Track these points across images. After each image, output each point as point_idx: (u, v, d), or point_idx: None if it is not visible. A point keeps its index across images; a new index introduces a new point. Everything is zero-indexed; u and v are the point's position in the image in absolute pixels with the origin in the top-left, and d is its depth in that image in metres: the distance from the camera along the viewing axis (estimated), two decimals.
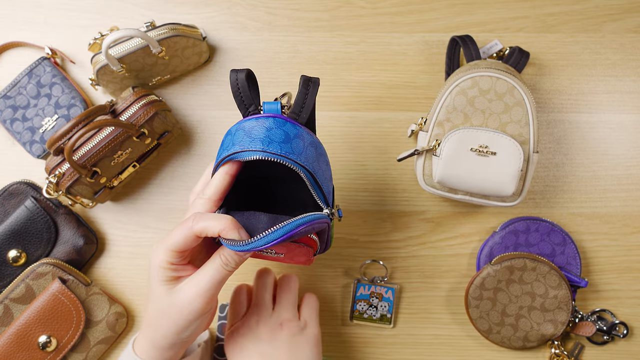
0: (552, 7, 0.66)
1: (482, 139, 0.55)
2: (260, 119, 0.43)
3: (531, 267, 0.58)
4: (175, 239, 0.42)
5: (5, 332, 0.56)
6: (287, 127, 0.43)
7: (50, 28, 0.67)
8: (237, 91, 0.44)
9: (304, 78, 0.45)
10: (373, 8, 0.67)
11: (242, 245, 0.39)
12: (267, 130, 0.42)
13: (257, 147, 0.41)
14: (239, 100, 0.45)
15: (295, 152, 0.42)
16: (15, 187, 0.60)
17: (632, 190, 0.63)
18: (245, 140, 0.42)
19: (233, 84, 0.44)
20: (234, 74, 0.44)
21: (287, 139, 0.42)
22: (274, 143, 0.41)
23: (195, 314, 0.43)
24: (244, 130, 0.43)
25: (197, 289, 0.42)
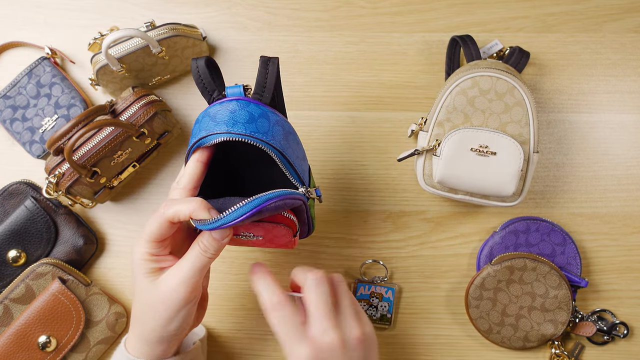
0: (552, 7, 0.66)
1: (482, 139, 0.55)
2: (224, 103, 0.43)
3: (531, 267, 0.58)
4: (151, 228, 0.43)
5: (5, 332, 0.56)
6: (250, 108, 0.43)
7: (50, 28, 0.67)
8: (198, 78, 0.45)
9: (263, 58, 0.45)
10: (373, 8, 0.67)
11: (211, 223, 0.39)
12: (231, 112, 0.42)
13: (222, 130, 0.41)
14: (202, 87, 0.46)
15: (260, 131, 0.42)
16: (15, 187, 0.60)
17: (633, 190, 0.63)
18: (210, 124, 0.42)
19: (194, 72, 0.45)
20: (194, 62, 0.45)
21: (252, 119, 0.42)
22: (238, 124, 0.42)
23: (178, 303, 0.43)
24: (209, 116, 0.43)
25: (178, 278, 0.43)
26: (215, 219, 0.39)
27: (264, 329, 0.62)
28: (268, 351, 0.62)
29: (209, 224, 0.39)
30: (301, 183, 0.45)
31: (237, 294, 0.62)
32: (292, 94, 0.66)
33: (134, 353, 0.46)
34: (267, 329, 0.62)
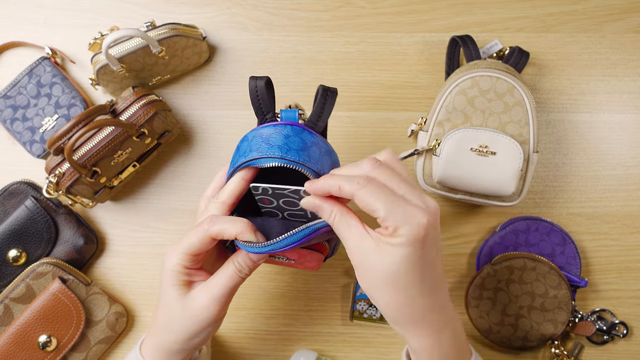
0: (552, 7, 0.66)
1: (482, 139, 0.55)
2: (278, 127, 0.43)
3: (531, 267, 0.58)
4: (191, 241, 0.42)
5: (6, 332, 0.56)
6: (304, 135, 0.43)
7: (51, 28, 0.67)
8: (255, 98, 0.45)
9: (323, 87, 0.45)
10: (373, 8, 0.67)
11: (260, 247, 0.40)
12: (285, 137, 0.42)
13: (276, 154, 0.41)
14: (257, 107, 0.45)
15: (312, 160, 0.42)
16: (16, 186, 0.60)
17: (632, 190, 0.63)
18: (264, 147, 0.42)
19: (252, 91, 0.45)
20: (253, 81, 0.44)
21: (305, 147, 0.42)
22: (292, 150, 0.41)
23: (208, 321, 0.43)
24: (262, 137, 0.43)
25: (211, 296, 0.42)
26: (265, 244, 0.40)
27: (264, 329, 0.62)
28: (268, 351, 0.62)
29: (257, 247, 0.40)
30: None
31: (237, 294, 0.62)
32: (292, 94, 0.66)
33: (149, 359, 0.46)
34: (267, 329, 0.62)
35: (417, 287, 0.40)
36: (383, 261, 0.38)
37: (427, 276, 0.40)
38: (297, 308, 0.62)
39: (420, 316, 0.41)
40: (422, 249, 0.39)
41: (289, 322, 0.62)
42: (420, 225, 0.38)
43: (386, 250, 0.38)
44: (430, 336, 0.41)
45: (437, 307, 0.41)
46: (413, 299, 0.40)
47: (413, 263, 0.38)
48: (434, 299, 0.41)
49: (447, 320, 0.42)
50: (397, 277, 0.39)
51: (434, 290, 0.41)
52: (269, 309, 0.62)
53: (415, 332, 0.41)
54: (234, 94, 0.66)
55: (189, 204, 0.64)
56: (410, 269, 0.38)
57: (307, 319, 0.62)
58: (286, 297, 0.63)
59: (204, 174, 0.65)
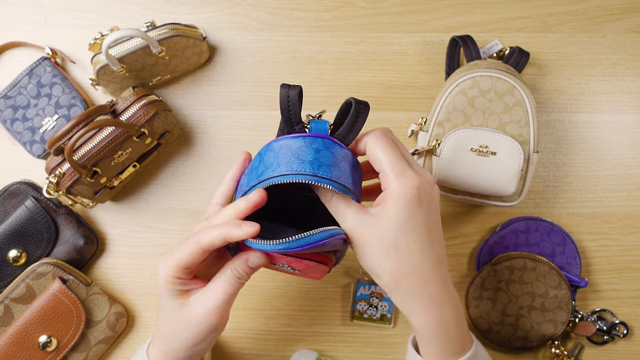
0: (552, 7, 0.66)
1: (482, 139, 0.55)
2: (307, 139, 0.41)
3: (531, 267, 0.58)
4: (182, 255, 0.42)
5: (6, 332, 0.56)
6: (334, 150, 0.41)
7: (51, 28, 0.67)
8: (286, 107, 0.43)
9: (356, 101, 0.43)
10: (373, 8, 0.67)
11: (273, 244, 0.39)
12: (316, 152, 0.40)
13: (307, 171, 0.39)
14: (287, 117, 0.43)
15: (343, 176, 0.41)
16: (16, 187, 0.60)
17: (632, 190, 0.63)
18: (294, 162, 0.40)
19: (283, 100, 0.42)
20: (285, 90, 0.42)
21: (336, 162, 0.41)
22: (323, 167, 0.40)
23: (210, 328, 0.43)
24: (291, 150, 0.41)
25: (210, 305, 0.42)
26: (278, 242, 0.38)
27: (264, 329, 0.62)
28: (268, 351, 0.62)
29: (269, 245, 0.39)
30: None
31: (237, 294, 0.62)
32: None
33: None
34: (267, 329, 0.62)
35: (418, 255, 0.39)
36: (382, 228, 0.39)
37: (426, 244, 0.40)
38: (297, 308, 0.62)
39: (421, 286, 0.40)
40: (418, 211, 0.39)
41: (289, 322, 0.62)
42: (413, 187, 0.39)
43: (384, 216, 0.39)
44: (432, 310, 0.41)
45: (439, 278, 0.41)
46: (414, 267, 0.40)
47: (410, 225, 0.39)
48: (435, 269, 0.40)
49: (449, 295, 0.42)
50: (396, 242, 0.39)
51: (435, 260, 0.40)
52: (269, 309, 0.62)
53: (417, 305, 0.41)
54: (234, 94, 0.66)
55: (189, 204, 0.64)
56: (407, 231, 0.39)
57: (307, 319, 0.62)
58: (286, 297, 0.63)
59: (204, 174, 0.65)
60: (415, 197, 0.39)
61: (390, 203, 0.39)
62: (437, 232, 0.42)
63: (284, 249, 0.39)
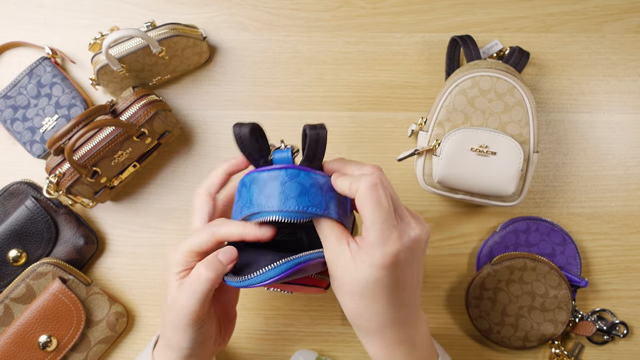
0: (552, 7, 0.66)
1: (482, 139, 0.55)
2: (272, 172, 0.41)
3: (531, 267, 0.58)
4: (195, 240, 0.43)
5: (6, 332, 0.56)
6: (300, 178, 0.41)
7: (51, 28, 0.67)
8: (242, 147, 0.43)
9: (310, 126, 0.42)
10: (373, 8, 0.67)
11: (238, 281, 0.40)
12: (281, 185, 0.40)
13: (274, 208, 0.40)
14: (247, 155, 0.43)
15: (314, 204, 0.40)
16: (16, 187, 0.60)
17: (633, 190, 0.63)
18: (261, 198, 0.40)
19: (237, 139, 0.42)
20: (236, 129, 0.42)
21: (304, 191, 0.40)
22: (289, 199, 0.40)
23: (190, 315, 0.42)
24: (258, 185, 0.41)
25: (189, 291, 0.42)
26: (244, 279, 0.40)
27: (264, 329, 0.62)
28: (268, 351, 0.62)
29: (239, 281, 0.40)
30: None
31: None
32: (292, 94, 0.66)
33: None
34: (267, 329, 0.62)
35: (380, 304, 0.41)
36: (352, 274, 0.40)
37: (394, 295, 0.41)
38: (297, 308, 0.62)
39: (377, 329, 0.42)
40: (392, 273, 0.40)
41: (289, 322, 0.62)
42: (391, 255, 0.39)
43: (357, 266, 0.40)
44: (385, 348, 0.43)
45: (396, 323, 0.42)
46: (374, 313, 0.41)
47: (381, 284, 0.40)
48: (395, 315, 0.42)
49: (405, 337, 0.43)
50: (363, 291, 0.40)
51: (398, 307, 0.42)
52: (269, 309, 0.62)
53: (371, 342, 0.43)
54: (234, 94, 0.66)
55: (189, 204, 0.64)
56: (377, 288, 0.40)
57: (307, 319, 0.62)
58: (286, 297, 0.63)
59: (204, 174, 0.65)
60: (392, 262, 0.40)
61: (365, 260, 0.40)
62: (412, 279, 0.42)
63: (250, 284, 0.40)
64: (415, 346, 0.44)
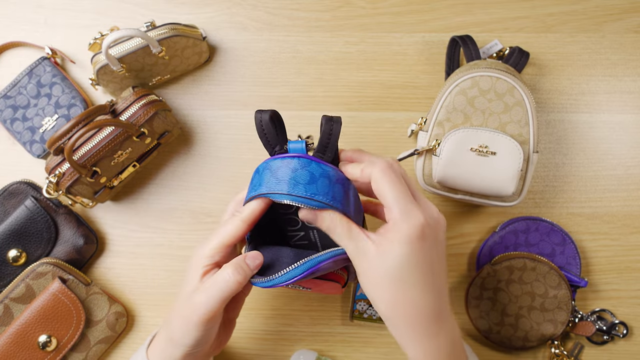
0: (552, 7, 0.66)
1: (482, 139, 0.55)
2: (285, 159, 0.43)
3: (531, 267, 0.58)
4: (224, 233, 0.44)
5: (5, 332, 0.56)
6: (312, 167, 0.43)
7: (51, 28, 0.67)
8: (262, 132, 0.45)
9: (326, 117, 0.44)
10: (373, 8, 0.67)
11: (264, 281, 0.43)
12: (293, 171, 0.42)
13: (283, 190, 0.42)
14: (265, 141, 0.45)
15: (321, 193, 0.42)
16: (15, 186, 0.60)
17: (633, 190, 0.63)
18: (272, 181, 0.42)
19: (258, 125, 0.45)
20: (258, 115, 0.45)
21: (313, 180, 0.42)
22: (299, 185, 0.42)
23: (205, 316, 0.43)
24: (271, 171, 0.43)
25: (208, 294, 0.43)
26: (270, 278, 0.42)
27: (264, 329, 0.62)
28: (268, 351, 0.62)
29: (264, 282, 0.43)
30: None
31: None
32: (292, 94, 0.66)
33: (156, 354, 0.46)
34: (267, 329, 0.62)
35: (418, 287, 0.40)
36: (384, 260, 0.40)
37: (428, 277, 0.40)
38: (297, 308, 0.62)
39: (417, 317, 0.41)
40: (422, 248, 0.40)
41: (289, 322, 0.62)
42: (418, 225, 0.40)
43: (386, 250, 0.40)
44: (427, 341, 0.41)
45: (436, 310, 0.41)
46: (412, 299, 0.40)
47: (412, 261, 0.40)
48: (433, 301, 0.41)
49: (446, 326, 0.42)
50: (398, 274, 0.40)
51: (433, 293, 0.41)
52: (269, 309, 0.62)
53: (412, 336, 0.42)
54: (234, 94, 0.66)
55: (189, 204, 0.64)
56: (410, 265, 0.40)
57: (307, 319, 0.62)
58: (286, 297, 0.63)
59: (204, 174, 0.65)
60: (420, 235, 0.40)
61: (393, 239, 0.40)
62: (440, 265, 0.42)
63: (276, 284, 0.42)
64: (455, 340, 0.43)
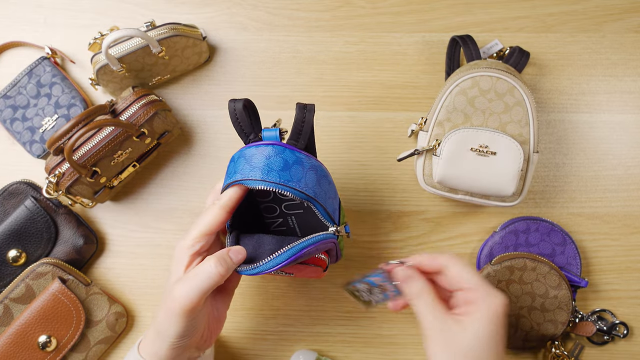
0: (552, 7, 0.66)
1: (482, 139, 0.55)
2: (260, 147, 0.44)
3: (531, 267, 0.58)
4: (204, 222, 0.45)
5: (5, 332, 0.56)
6: (285, 155, 0.44)
7: (50, 28, 0.67)
8: (235, 120, 0.46)
9: (299, 105, 0.46)
10: (373, 8, 0.67)
11: (250, 269, 0.43)
12: (266, 158, 0.43)
13: (257, 177, 0.43)
14: (239, 129, 0.46)
15: (294, 179, 0.43)
16: (15, 187, 0.60)
17: (633, 190, 0.63)
18: (246, 168, 0.44)
19: (231, 114, 0.46)
20: (232, 104, 0.46)
21: (286, 167, 0.43)
22: (272, 172, 0.43)
23: (186, 307, 0.43)
24: (245, 158, 0.44)
25: (188, 286, 0.43)
26: (253, 266, 0.43)
27: (264, 329, 0.62)
28: (268, 351, 0.62)
29: (251, 269, 0.43)
30: (332, 222, 0.47)
31: (237, 294, 0.62)
32: (292, 94, 0.66)
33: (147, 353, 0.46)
34: (267, 329, 0.62)
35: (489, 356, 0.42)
36: (465, 339, 0.42)
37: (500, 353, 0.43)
38: (297, 308, 0.62)
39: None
40: (501, 327, 0.43)
41: (289, 322, 0.62)
42: (501, 305, 0.43)
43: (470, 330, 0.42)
44: None
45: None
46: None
47: (493, 340, 0.42)
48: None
49: None
50: (477, 350, 0.42)
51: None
52: (269, 309, 0.62)
53: None
54: (234, 94, 0.66)
55: (189, 204, 0.64)
56: (489, 346, 0.42)
57: (307, 319, 0.62)
58: (286, 297, 0.63)
59: (204, 174, 0.65)
60: (502, 314, 0.43)
61: (480, 317, 0.42)
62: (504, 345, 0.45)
63: (262, 271, 0.43)
64: None
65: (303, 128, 0.46)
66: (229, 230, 0.48)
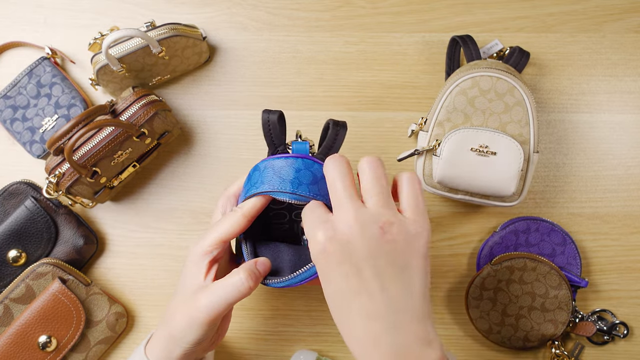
0: (552, 7, 0.66)
1: (483, 139, 0.55)
2: (289, 159, 0.44)
3: (531, 267, 0.58)
4: (223, 227, 0.44)
5: (5, 332, 0.56)
6: (314, 169, 0.44)
7: (50, 28, 0.67)
8: (268, 131, 0.46)
9: (333, 122, 0.46)
10: (373, 8, 0.67)
11: (279, 282, 0.45)
12: (296, 171, 0.44)
13: (287, 189, 0.43)
14: (269, 140, 0.47)
15: (321, 194, 0.43)
16: (15, 187, 0.60)
17: (633, 190, 0.63)
18: (275, 180, 0.44)
19: (264, 124, 0.46)
20: (266, 115, 0.46)
21: (315, 181, 0.44)
22: (302, 185, 0.43)
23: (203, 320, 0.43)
24: (274, 169, 0.44)
25: (212, 299, 0.43)
26: (283, 279, 0.44)
27: (264, 329, 0.62)
28: (268, 351, 0.62)
29: (279, 282, 0.45)
30: None
31: None
32: (292, 94, 0.66)
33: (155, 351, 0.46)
34: (267, 329, 0.62)
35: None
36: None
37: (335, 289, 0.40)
38: (297, 308, 0.62)
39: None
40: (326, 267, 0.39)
41: (289, 322, 0.62)
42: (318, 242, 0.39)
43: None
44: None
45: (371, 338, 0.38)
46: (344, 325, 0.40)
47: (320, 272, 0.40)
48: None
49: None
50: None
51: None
52: (269, 309, 0.62)
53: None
54: (234, 94, 0.66)
55: (189, 204, 0.64)
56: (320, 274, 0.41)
57: (307, 319, 0.62)
58: (286, 297, 0.63)
59: (204, 174, 0.65)
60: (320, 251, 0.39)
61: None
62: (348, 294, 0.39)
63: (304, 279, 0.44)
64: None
65: (334, 144, 0.46)
66: (243, 238, 0.48)
